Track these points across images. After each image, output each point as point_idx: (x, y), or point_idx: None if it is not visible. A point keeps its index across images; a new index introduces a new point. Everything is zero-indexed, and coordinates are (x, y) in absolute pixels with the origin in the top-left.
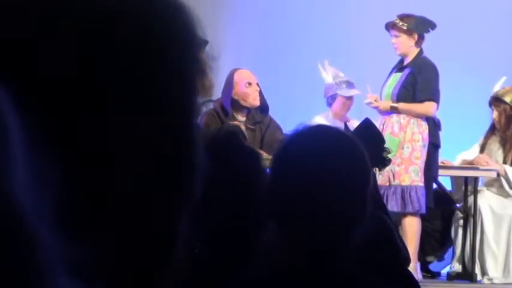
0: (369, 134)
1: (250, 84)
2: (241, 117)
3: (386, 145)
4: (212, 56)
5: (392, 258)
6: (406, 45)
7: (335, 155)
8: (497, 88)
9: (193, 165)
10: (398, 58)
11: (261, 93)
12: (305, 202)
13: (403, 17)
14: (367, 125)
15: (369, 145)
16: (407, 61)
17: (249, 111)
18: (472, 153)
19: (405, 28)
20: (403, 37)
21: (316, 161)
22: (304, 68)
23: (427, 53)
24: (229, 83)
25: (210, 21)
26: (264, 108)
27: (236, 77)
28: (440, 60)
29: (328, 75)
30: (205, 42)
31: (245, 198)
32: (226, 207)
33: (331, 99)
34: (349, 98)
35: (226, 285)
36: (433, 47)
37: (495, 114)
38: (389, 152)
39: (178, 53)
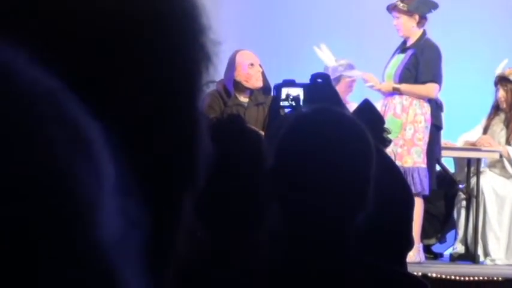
0: (368, 115)
1: (252, 65)
2: (243, 98)
3: (387, 126)
4: (216, 42)
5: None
6: (407, 27)
7: (338, 138)
8: (499, 70)
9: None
10: (401, 40)
11: (263, 74)
12: (306, 185)
13: None
14: (366, 106)
15: (368, 126)
16: (409, 42)
17: (251, 92)
18: (474, 134)
19: (405, 9)
20: (404, 18)
21: (319, 145)
22: (303, 49)
23: (429, 34)
24: (232, 65)
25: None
26: (266, 89)
27: (238, 58)
28: (441, 41)
29: (329, 58)
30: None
31: (248, 180)
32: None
33: (334, 82)
34: (353, 80)
35: (224, 277)
36: (435, 29)
37: (501, 93)
38: (389, 133)
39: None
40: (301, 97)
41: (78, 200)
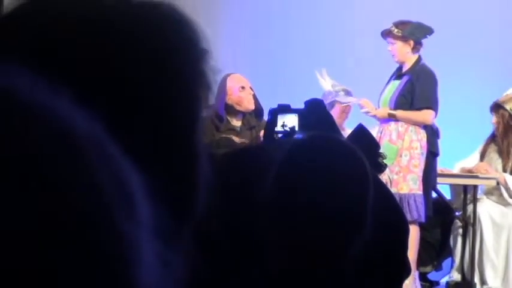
0: (363, 139)
1: (243, 88)
2: (236, 122)
3: (382, 151)
4: (215, 69)
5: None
6: (402, 52)
7: (335, 165)
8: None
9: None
10: (396, 66)
11: (255, 97)
12: (303, 213)
13: (398, 24)
14: (360, 131)
15: (363, 151)
16: (405, 68)
17: (243, 115)
18: (471, 161)
19: (400, 35)
20: (399, 44)
21: (316, 172)
22: (300, 73)
23: (425, 58)
24: (222, 89)
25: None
26: (258, 112)
27: (229, 82)
28: (438, 65)
29: (326, 83)
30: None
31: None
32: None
33: (329, 107)
34: (347, 106)
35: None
36: (432, 52)
37: (494, 119)
38: (384, 158)
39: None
40: (296, 123)
41: (120, 241)
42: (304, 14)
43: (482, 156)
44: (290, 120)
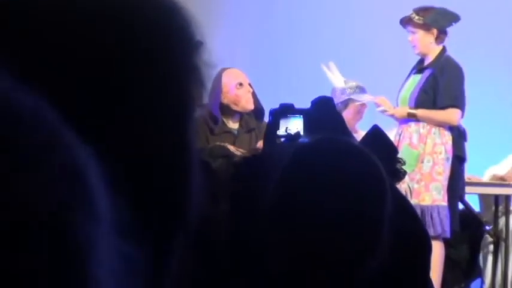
0: (378, 143)
1: (241, 85)
2: (232, 124)
3: (401, 156)
4: (210, 64)
5: None
6: (424, 43)
7: (347, 172)
8: None
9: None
10: (417, 58)
11: (254, 95)
12: (310, 225)
13: (419, 11)
14: (375, 133)
15: (379, 156)
16: (427, 61)
17: (241, 116)
18: (503, 167)
19: (422, 23)
20: (420, 33)
21: (324, 180)
22: (306, 68)
23: (449, 51)
24: (217, 86)
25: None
26: (258, 112)
27: (225, 78)
28: (465, 57)
29: (337, 79)
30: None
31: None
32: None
33: (341, 106)
34: (363, 105)
35: None
36: (457, 43)
37: None
38: (403, 164)
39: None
40: (301, 125)
41: (75, 238)
42: (308, 2)
43: None
44: (294, 122)
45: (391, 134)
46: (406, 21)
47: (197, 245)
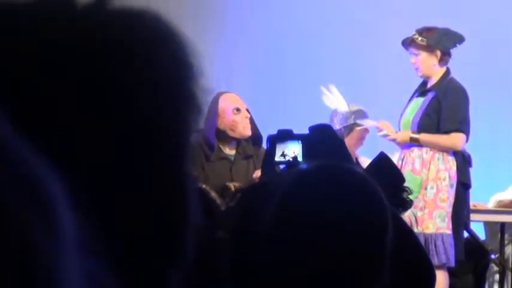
0: (385, 171)
1: (238, 110)
2: (229, 151)
3: (406, 184)
4: (207, 89)
5: None
6: (427, 65)
7: (347, 199)
8: None
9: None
10: (419, 81)
11: (252, 121)
12: (309, 253)
13: (422, 31)
14: (382, 161)
15: (385, 184)
16: (430, 83)
17: (238, 142)
18: (509, 193)
19: (425, 44)
20: (423, 55)
21: (324, 207)
22: (304, 93)
23: (453, 73)
24: (214, 111)
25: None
26: (256, 138)
27: (221, 102)
28: (469, 81)
29: (341, 102)
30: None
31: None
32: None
33: (345, 131)
34: (366, 130)
35: None
36: (462, 66)
37: None
38: (410, 193)
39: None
40: (300, 151)
41: (37, 259)
42: (307, 24)
43: None
44: (292, 148)
45: (393, 159)
46: (408, 43)
47: (196, 273)
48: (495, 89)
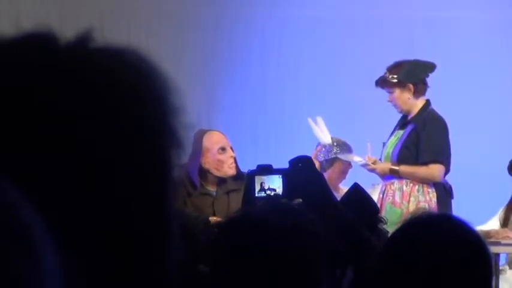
0: (359, 201)
1: (223, 149)
2: (211, 186)
3: (385, 216)
4: (189, 125)
5: None
6: (402, 100)
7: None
8: None
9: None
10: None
11: (235, 160)
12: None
13: (392, 68)
14: (355, 192)
15: (358, 215)
16: (410, 116)
17: (222, 180)
18: (490, 227)
19: (396, 81)
20: (397, 91)
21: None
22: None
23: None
24: (197, 150)
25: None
26: (238, 175)
27: (206, 141)
28: (447, 109)
29: (325, 135)
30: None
31: None
32: None
33: (326, 164)
34: (348, 165)
35: None
36: (439, 96)
37: None
38: (385, 223)
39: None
40: (280, 186)
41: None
42: (290, 58)
43: (504, 222)
44: (272, 183)
45: (376, 192)
46: (381, 83)
47: None
48: (476, 119)
